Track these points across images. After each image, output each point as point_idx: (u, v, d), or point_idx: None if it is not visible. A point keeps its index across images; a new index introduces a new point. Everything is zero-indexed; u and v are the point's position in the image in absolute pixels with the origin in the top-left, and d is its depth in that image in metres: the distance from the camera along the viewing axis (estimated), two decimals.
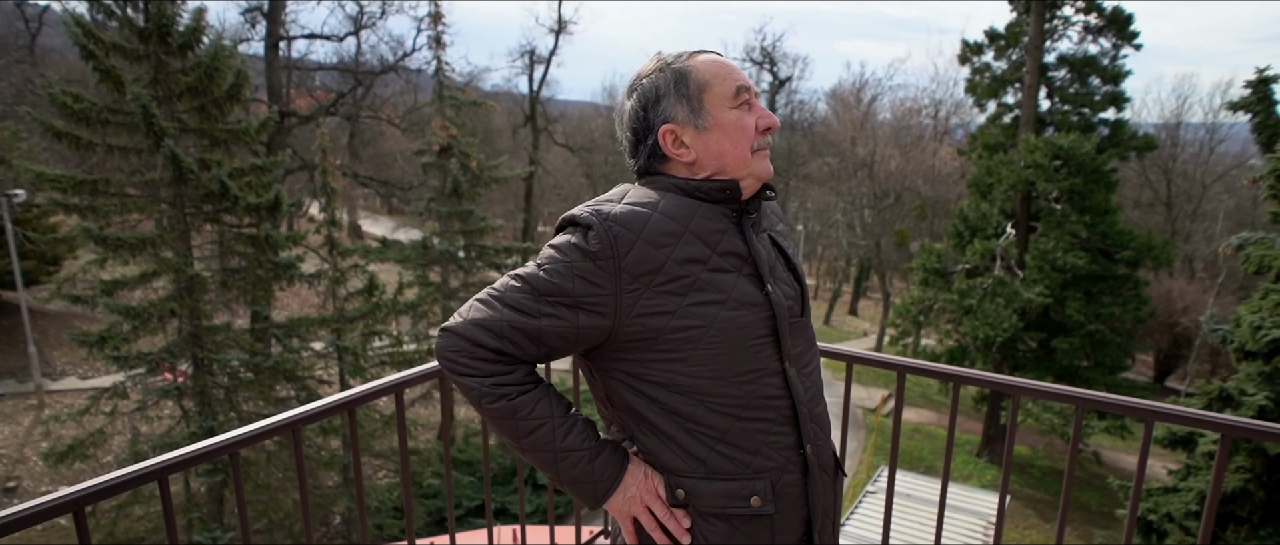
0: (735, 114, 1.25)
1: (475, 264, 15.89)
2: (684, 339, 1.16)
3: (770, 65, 36.30)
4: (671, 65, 1.27)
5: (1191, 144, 29.14)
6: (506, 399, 1.18)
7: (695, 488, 1.21)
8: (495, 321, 1.17)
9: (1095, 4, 18.77)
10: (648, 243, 1.15)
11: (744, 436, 1.20)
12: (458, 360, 1.18)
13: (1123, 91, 18.66)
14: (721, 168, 1.25)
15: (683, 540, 1.21)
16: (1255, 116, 7.23)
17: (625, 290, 1.15)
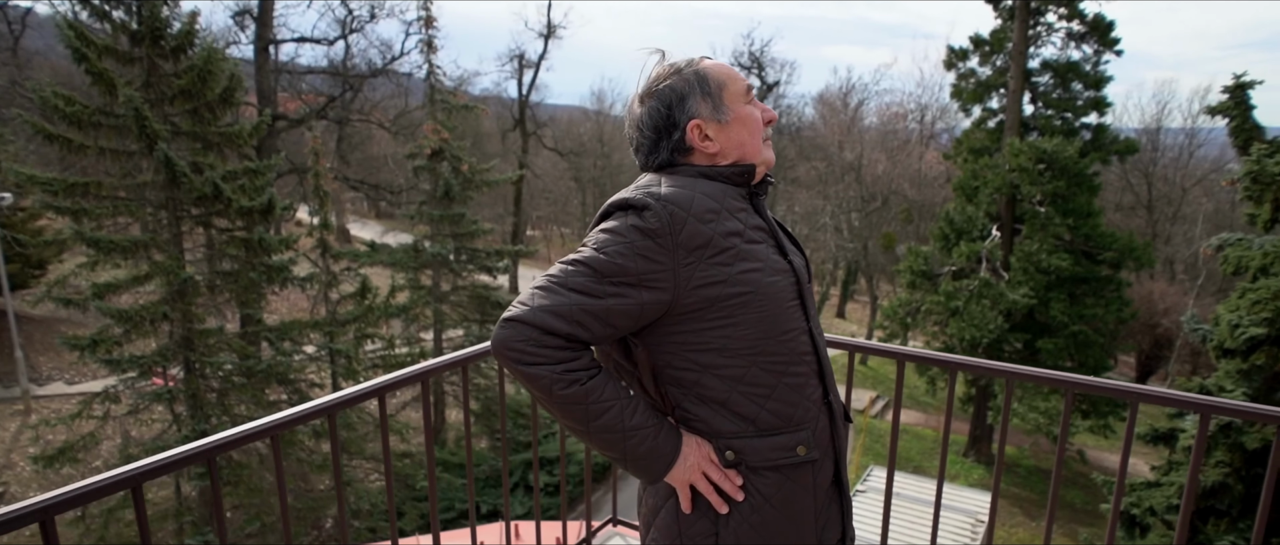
0: (748, 109, 1.39)
1: (466, 267, 15.94)
2: (736, 304, 1.26)
3: (758, 70, 36.52)
4: (690, 68, 1.38)
5: (1171, 148, 29.60)
6: (578, 384, 1.24)
7: (745, 446, 1.31)
8: (564, 306, 1.22)
9: (1077, 11, 19.09)
10: (697, 219, 1.26)
11: (787, 392, 1.31)
12: (526, 350, 1.22)
13: (1104, 96, 18.97)
14: (742, 156, 1.38)
15: (737, 497, 1.31)
16: (1232, 121, 7.44)
17: (682, 264, 1.24)
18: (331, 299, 12.79)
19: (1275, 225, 7.42)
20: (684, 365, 1.31)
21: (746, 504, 1.31)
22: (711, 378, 1.30)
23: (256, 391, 11.20)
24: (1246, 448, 7.48)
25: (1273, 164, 6.79)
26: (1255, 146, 7.15)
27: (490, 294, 16.27)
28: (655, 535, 1.38)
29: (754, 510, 1.31)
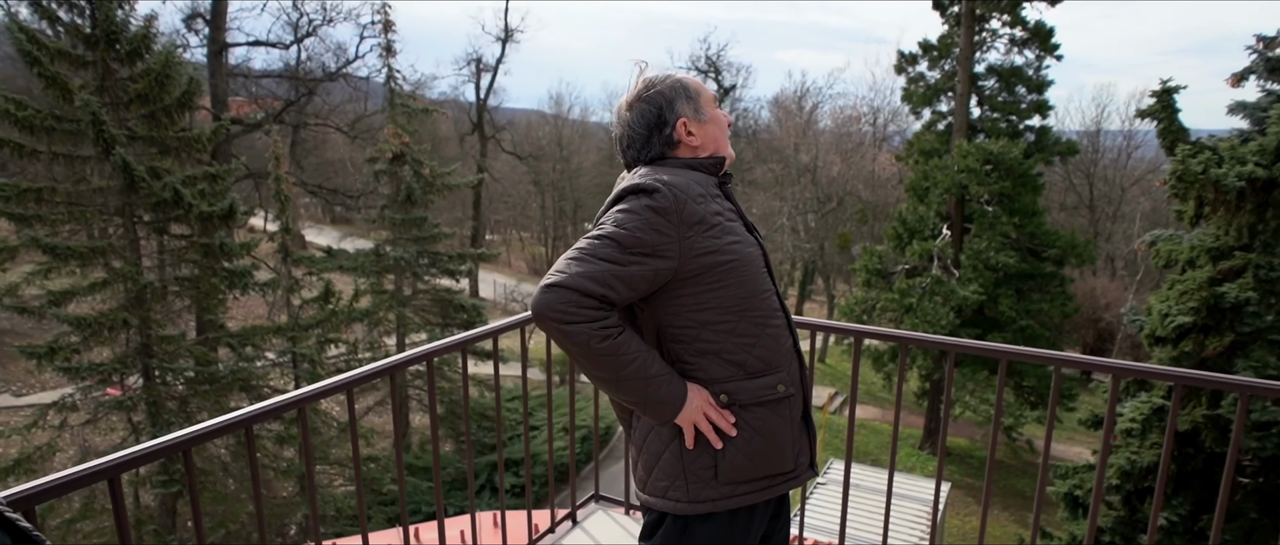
0: (718, 111, 1.70)
1: (429, 271, 15.93)
2: (726, 270, 1.52)
3: (715, 74, 37.00)
4: (673, 78, 1.67)
5: (1110, 150, 30.84)
6: (611, 339, 1.45)
7: (737, 388, 1.55)
8: (597, 273, 1.44)
9: (1020, 18, 19.86)
10: (693, 200, 1.51)
11: (768, 340, 1.57)
12: (567, 310, 1.42)
13: (1047, 100, 19.78)
14: (716, 149, 1.68)
15: (731, 434, 1.55)
16: (1160, 124, 7.94)
17: (684, 237, 1.49)
18: (294, 304, 12.70)
19: (1200, 221, 7.94)
20: (685, 323, 1.55)
21: (740, 437, 1.55)
22: (709, 332, 1.54)
23: (218, 398, 11.09)
24: (1178, 429, 7.97)
25: (1196, 164, 7.29)
26: (1180, 148, 7.66)
27: (453, 298, 16.28)
28: (658, 475, 1.60)
29: (746, 441, 1.55)
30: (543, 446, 15.60)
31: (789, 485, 1.62)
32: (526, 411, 2.84)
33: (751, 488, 1.57)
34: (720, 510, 1.56)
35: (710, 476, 1.55)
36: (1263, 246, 7.42)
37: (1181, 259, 8.36)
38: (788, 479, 1.61)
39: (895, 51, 22.82)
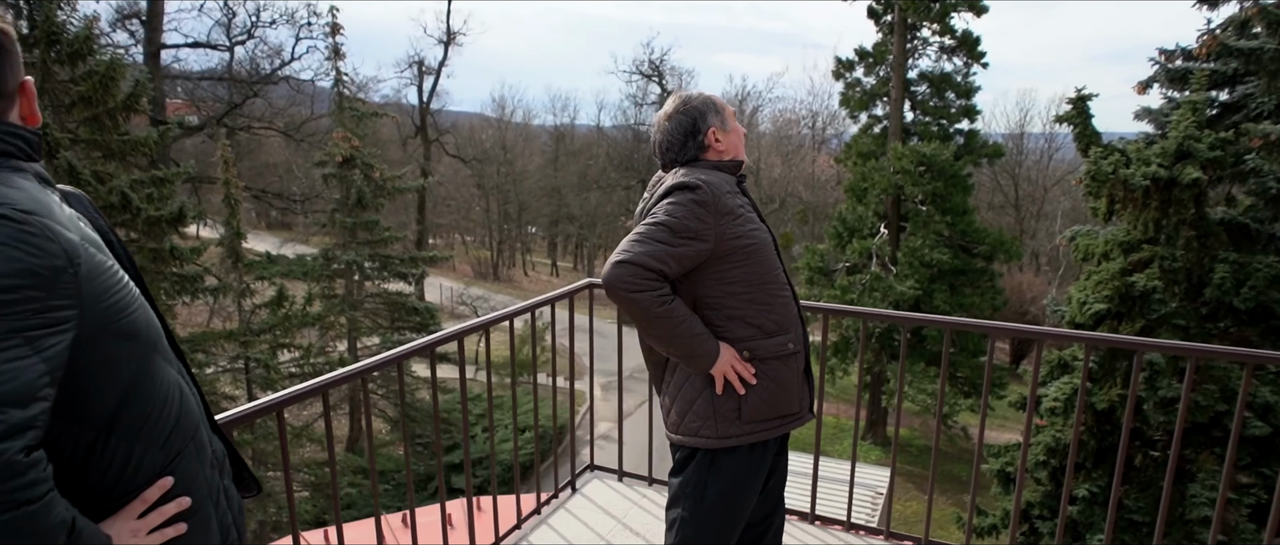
0: (737, 124, 2.06)
1: (382, 274, 15.91)
2: (749, 251, 1.88)
3: (659, 78, 37.57)
4: (705, 96, 2.04)
5: (1034, 152, 32.50)
6: (666, 305, 1.80)
7: (756, 345, 1.90)
8: (655, 252, 1.78)
9: (949, 27, 20.85)
10: (723, 194, 1.86)
11: (780, 307, 1.94)
12: (633, 282, 1.77)
13: (975, 105, 20.80)
14: (736, 154, 2.03)
15: (752, 382, 1.90)
16: (1076, 128, 8.66)
17: (718, 224, 1.84)
18: (245, 309, 12.59)
19: (1112, 217, 8.68)
20: (716, 293, 1.90)
21: (759, 385, 1.91)
22: (734, 300, 1.89)
23: None
24: (1097, 408, 8.70)
25: (1107, 165, 8.00)
26: (1093, 150, 8.38)
27: (405, 300, 16.29)
28: (691, 418, 1.94)
29: (764, 388, 1.91)
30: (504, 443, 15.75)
31: (794, 424, 1.99)
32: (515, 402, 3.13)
33: (766, 426, 1.93)
34: (742, 445, 1.92)
35: (735, 417, 1.90)
36: (1166, 239, 8.18)
37: (1097, 252, 9.12)
38: (794, 419, 1.99)
39: (832, 57, 23.67)
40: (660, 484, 3.40)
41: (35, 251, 0.93)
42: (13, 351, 0.89)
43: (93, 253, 1.02)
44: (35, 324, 0.91)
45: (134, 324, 1.06)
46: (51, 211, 1.00)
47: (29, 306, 0.91)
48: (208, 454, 1.22)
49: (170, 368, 1.16)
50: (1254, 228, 8.19)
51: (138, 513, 1.09)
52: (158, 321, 1.16)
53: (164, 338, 1.17)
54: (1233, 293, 7.95)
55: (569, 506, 3.16)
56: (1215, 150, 7.71)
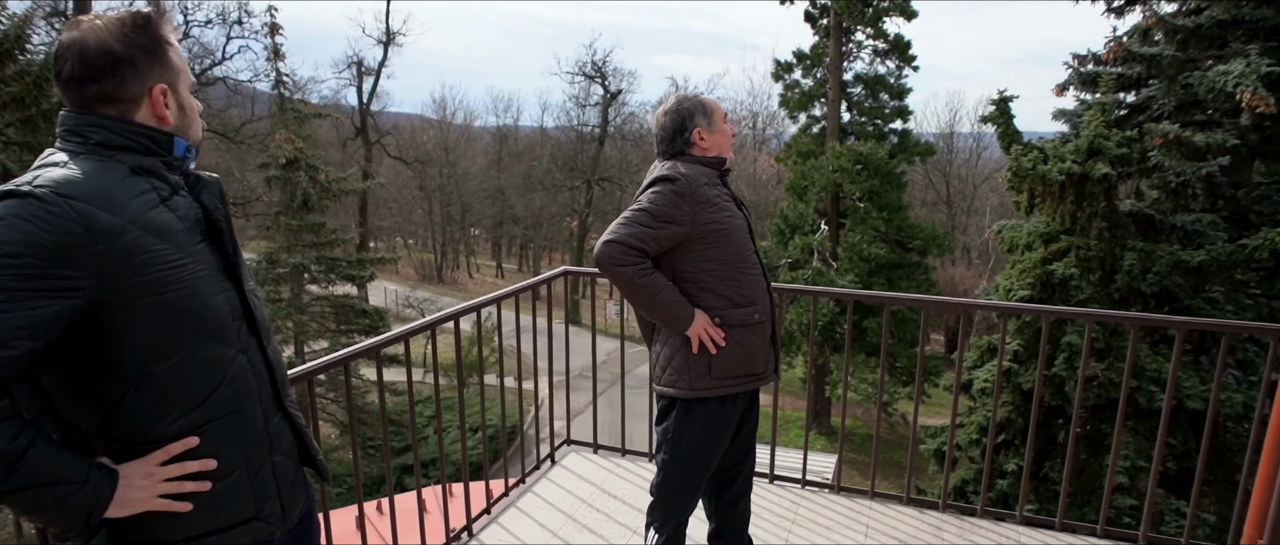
0: (726, 126, 2.31)
1: (329, 277, 15.76)
2: (723, 234, 2.17)
3: (602, 79, 37.78)
4: (696, 97, 2.29)
5: (963, 151, 33.90)
6: (648, 277, 2.12)
7: (727, 314, 2.19)
8: (638, 233, 2.11)
9: (882, 31, 21.70)
10: (700, 186, 2.15)
11: (750, 283, 2.23)
12: (619, 257, 2.10)
13: (907, 105, 21.69)
14: (719, 152, 2.29)
15: (722, 344, 2.19)
16: (999, 128, 9.28)
17: (695, 211, 2.12)
18: None
19: (1033, 210, 9.33)
20: (692, 269, 2.19)
21: (727, 347, 2.20)
22: (707, 276, 2.19)
23: None
24: (1023, 388, 9.34)
25: (1027, 162, 8.63)
26: (1015, 148, 9.00)
27: (353, 303, 16.17)
28: (671, 372, 2.24)
29: (732, 351, 2.21)
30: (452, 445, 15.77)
31: (759, 383, 2.29)
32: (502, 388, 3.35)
33: (734, 383, 2.23)
34: (712, 397, 2.22)
35: (706, 372, 2.20)
36: (1081, 230, 8.86)
37: (1021, 243, 9.78)
38: (758, 378, 2.29)
39: (771, 59, 24.35)
40: (633, 454, 3.69)
41: (46, 227, 1.10)
42: None
43: (138, 235, 1.18)
44: (24, 287, 1.08)
45: (167, 302, 1.20)
46: (100, 197, 1.16)
47: (23, 272, 1.08)
48: (256, 429, 1.35)
49: (221, 347, 1.30)
50: (1158, 219, 8.92)
51: (158, 461, 1.22)
52: (220, 307, 1.31)
53: (219, 322, 1.30)
54: (1140, 278, 8.65)
55: (551, 476, 3.42)
56: (1122, 148, 8.39)
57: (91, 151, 1.23)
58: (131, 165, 1.25)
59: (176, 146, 1.32)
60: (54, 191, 1.13)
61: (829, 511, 3.24)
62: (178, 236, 1.26)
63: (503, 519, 3.05)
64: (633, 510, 3.14)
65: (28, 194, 1.12)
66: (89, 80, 1.24)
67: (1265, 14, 8.22)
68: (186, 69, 1.38)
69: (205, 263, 1.30)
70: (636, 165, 37.18)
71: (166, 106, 1.30)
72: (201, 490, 1.26)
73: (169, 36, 1.33)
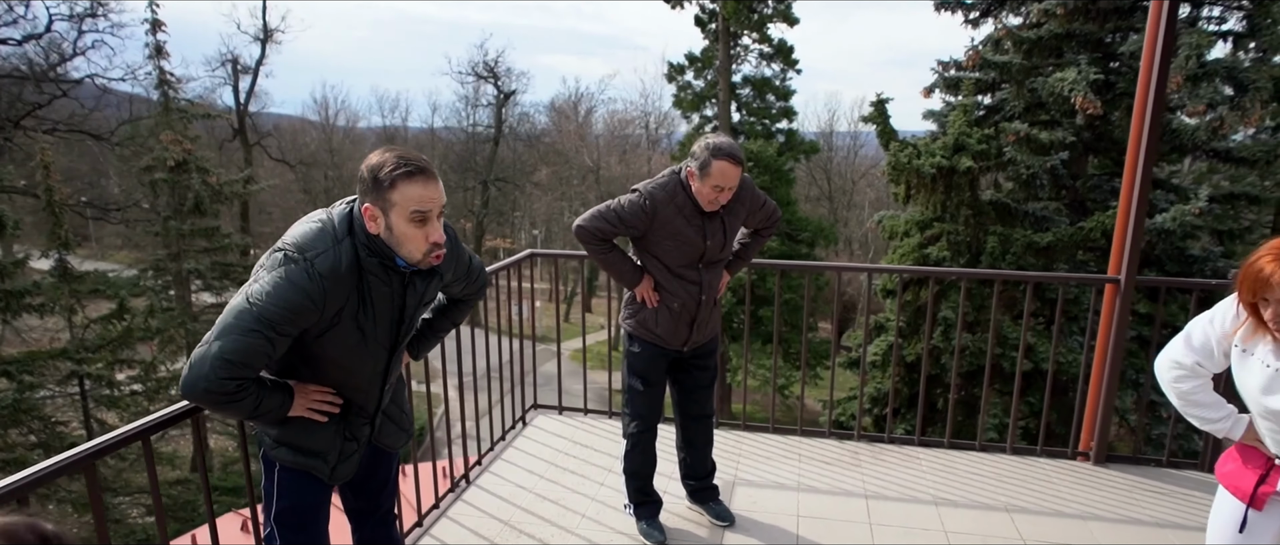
0: (709, 191, 2.61)
1: (223, 283, 15.24)
2: (667, 250, 2.68)
3: (494, 80, 37.66)
4: (707, 153, 2.59)
5: (841, 149, 36.03)
6: (604, 253, 2.70)
7: (660, 289, 2.75)
8: (601, 224, 2.64)
9: (766, 36, 22.97)
10: (663, 207, 2.62)
11: (677, 282, 2.73)
12: (584, 237, 2.67)
13: (791, 106, 23.06)
14: (700, 193, 2.63)
15: (654, 303, 2.76)
16: (878, 127, 10.33)
17: (649, 223, 2.62)
18: (76, 325, 11.76)
19: (910, 201, 10.43)
20: (645, 253, 2.74)
21: (654, 310, 2.77)
22: (653, 265, 2.73)
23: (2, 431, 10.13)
24: (907, 361, 10.43)
25: (903, 157, 9.69)
26: (893, 145, 10.07)
27: None
28: (625, 311, 2.84)
29: (654, 316, 2.78)
30: None
31: (670, 350, 2.84)
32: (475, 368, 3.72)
33: (651, 336, 2.81)
34: (640, 336, 2.83)
35: (634, 316, 2.83)
36: (950, 217, 10.01)
37: (899, 231, 10.89)
38: (669, 346, 2.83)
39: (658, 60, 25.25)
40: (594, 413, 4.18)
41: (306, 296, 1.61)
42: (257, 336, 1.59)
43: (337, 309, 1.70)
44: (278, 330, 1.61)
45: (323, 345, 1.75)
46: (333, 265, 1.66)
47: (283, 319, 1.61)
48: (352, 407, 1.94)
49: (338, 368, 1.85)
50: (1013, 206, 10.19)
51: (311, 391, 1.86)
52: (362, 345, 1.82)
53: (354, 356, 1.83)
54: (1001, 258, 9.87)
55: (525, 434, 3.86)
56: (982, 145, 9.57)
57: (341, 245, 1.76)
58: (355, 251, 1.74)
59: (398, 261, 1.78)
60: (319, 270, 1.65)
61: (768, 446, 3.85)
62: (354, 312, 1.76)
63: (494, 468, 3.48)
64: (600, 454, 3.64)
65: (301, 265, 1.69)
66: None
67: (1091, 28, 9.60)
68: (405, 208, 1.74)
69: (373, 333, 1.83)
70: (532, 165, 37.32)
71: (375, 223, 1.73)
72: (318, 419, 1.88)
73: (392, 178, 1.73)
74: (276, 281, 1.60)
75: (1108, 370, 3.54)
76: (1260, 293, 1.66)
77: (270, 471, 1.95)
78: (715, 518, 3.05)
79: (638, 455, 2.91)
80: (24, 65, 17.72)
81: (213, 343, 1.60)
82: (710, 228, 2.68)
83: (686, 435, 3.02)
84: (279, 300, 1.59)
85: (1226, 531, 1.94)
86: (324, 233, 1.68)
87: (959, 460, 3.76)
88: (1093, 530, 3.01)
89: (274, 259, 1.65)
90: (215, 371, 1.57)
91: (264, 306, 1.58)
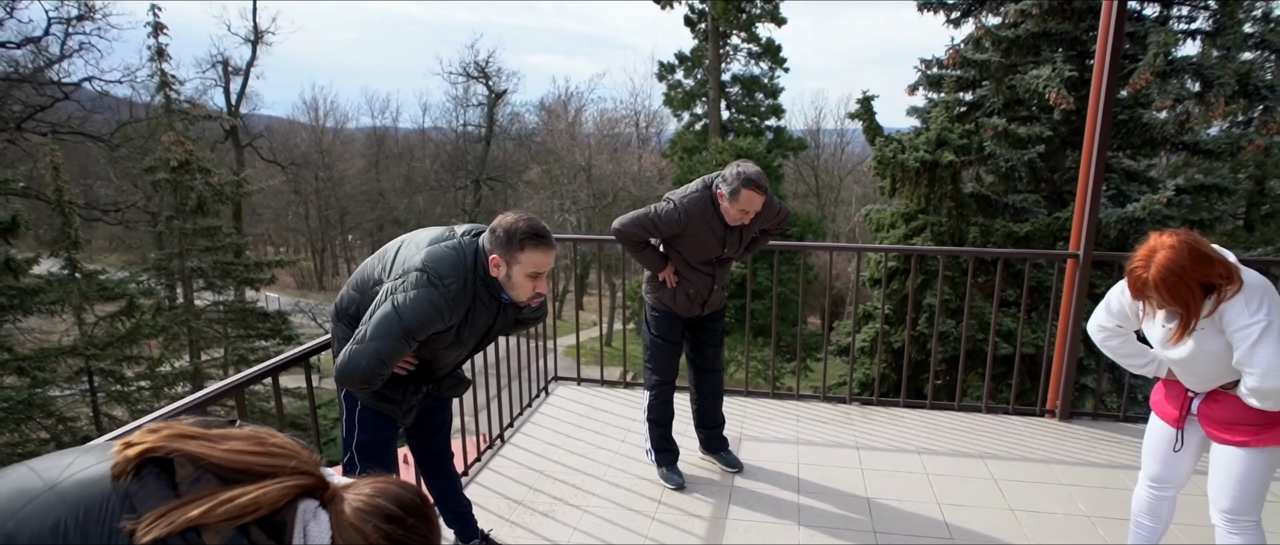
0: (736, 213, 3.05)
1: (226, 282, 15.49)
2: (685, 251, 3.11)
3: (485, 80, 37.94)
4: (738, 180, 2.99)
5: (828, 146, 36.55)
6: (637, 250, 3.13)
7: (678, 275, 3.18)
8: (634, 227, 3.06)
9: (755, 35, 23.43)
10: (691, 218, 3.02)
11: (692, 274, 3.17)
12: (622, 236, 3.10)
13: (780, 104, 23.54)
14: (726, 214, 3.05)
15: (673, 283, 3.19)
16: (864, 123, 10.78)
17: (676, 230, 3.03)
18: (86, 322, 12.03)
19: (895, 194, 10.88)
20: (671, 250, 3.15)
21: (671, 290, 3.19)
22: (676, 255, 3.15)
23: (16, 426, 10.40)
24: (893, 346, 10.87)
25: (888, 152, 10.13)
26: (878, 140, 10.51)
27: (252, 307, 15.97)
28: (647, 288, 3.26)
29: (671, 293, 3.20)
30: None
31: (683, 318, 3.29)
32: None
33: (664, 308, 3.25)
34: (657, 309, 3.26)
35: (653, 292, 3.25)
36: (934, 209, 10.46)
37: (886, 223, 11.34)
38: (681, 315, 3.28)
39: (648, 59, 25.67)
40: (608, 384, 4.58)
41: (439, 314, 2.04)
42: (401, 341, 2.03)
43: (451, 319, 2.10)
44: (415, 337, 2.03)
45: (428, 342, 2.16)
46: (461, 290, 2.07)
47: (420, 329, 2.03)
48: (429, 372, 2.38)
49: (432, 355, 2.30)
50: (993, 198, 10.66)
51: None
52: (455, 346, 2.27)
53: (446, 352, 2.30)
54: (982, 247, 10.34)
55: (549, 402, 4.26)
56: (963, 139, 10.03)
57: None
58: (476, 280, 2.18)
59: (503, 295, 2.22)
60: (451, 291, 2.08)
61: (768, 409, 4.26)
62: (460, 323, 2.20)
63: (524, 429, 3.87)
64: (618, 417, 4.04)
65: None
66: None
67: (1066, 27, 10.07)
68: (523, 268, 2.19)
69: (466, 343, 2.30)
70: (524, 164, 37.61)
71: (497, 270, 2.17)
72: (402, 372, 2.31)
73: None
74: (419, 299, 2.02)
75: (1070, 337, 3.97)
76: (1139, 296, 2.08)
77: (351, 409, 2.37)
78: (726, 465, 3.46)
79: (659, 406, 3.31)
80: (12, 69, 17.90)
81: (368, 343, 2.02)
82: (730, 237, 3.15)
83: (699, 388, 3.43)
84: (420, 315, 2.01)
85: (1160, 451, 2.37)
86: (458, 263, 2.10)
87: (940, 418, 4.19)
88: (1055, 472, 3.43)
89: (417, 278, 2.05)
90: (371, 367, 2.03)
91: (409, 320, 2.00)
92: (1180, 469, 2.34)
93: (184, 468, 0.95)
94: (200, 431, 1.00)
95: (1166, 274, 1.97)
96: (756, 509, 3.10)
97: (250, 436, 1.01)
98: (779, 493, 3.24)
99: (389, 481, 1.04)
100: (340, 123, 46.65)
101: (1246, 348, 1.92)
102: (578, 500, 3.16)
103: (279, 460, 0.99)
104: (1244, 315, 1.93)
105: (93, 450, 1.02)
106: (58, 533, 0.89)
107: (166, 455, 0.95)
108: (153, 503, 0.91)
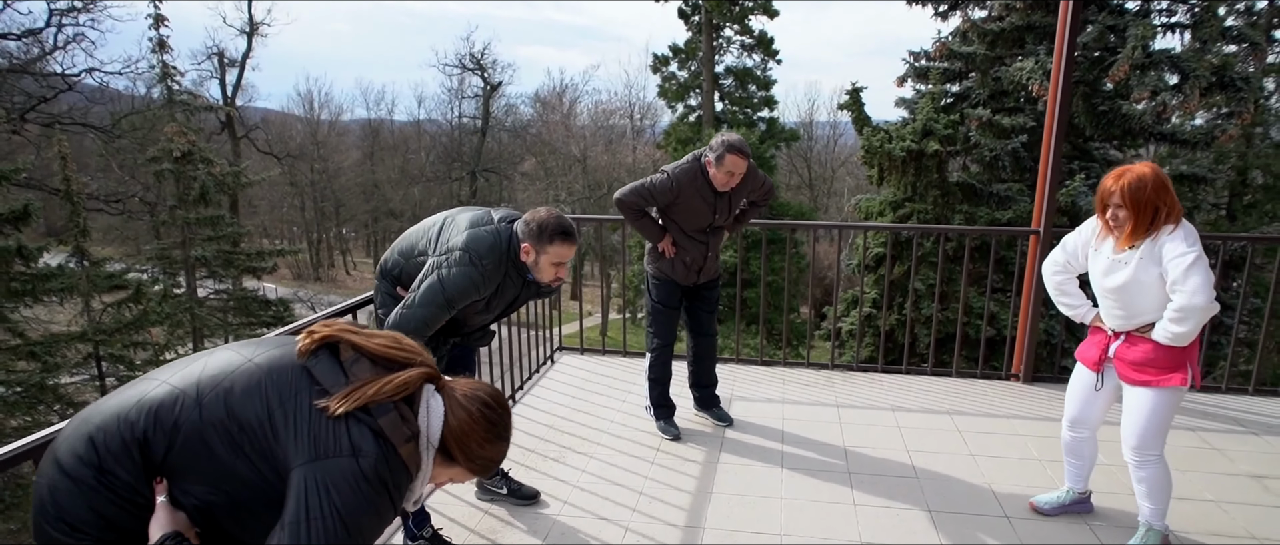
0: (722, 176, 3.39)
1: (230, 271, 15.78)
2: (680, 218, 3.45)
3: (480, 72, 38.13)
4: (723, 147, 3.35)
5: (821, 137, 36.88)
6: (635, 219, 3.45)
7: (675, 239, 3.50)
8: (634, 197, 3.38)
9: (748, 28, 23.72)
10: (684, 187, 3.36)
11: (687, 241, 3.50)
12: (622, 204, 3.39)
13: (773, 96, 23.85)
14: (714, 177, 3.39)
15: (668, 254, 3.52)
16: (853, 114, 11.12)
17: (670, 198, 3.36)
18: (94, 309, 12.31)
19: (883, 182, 11.23)
20: (668, 220, 3.47)
21: (669, 259, 3.52)
22: (672, 228, 3.47)
23: (29, 409, 10.68)
24: (881, 330, 11.24)
25: (876, 141, 10.48)
26: (867, 130, 10.85)
27: (255, 295, 16.26)
28: (648, 258, 3.59)
29: (670, 261, 3.53)
30: None
31: (680, 283, 3.61)
32: None
33: (663, 276, 3.58)
34: (656, 275, 3.59)
35: (654, 261, 3.58)
36: (920, 197, 10.82)
37: (875, 212, 11.69)
38: (678, 285, 3.61)
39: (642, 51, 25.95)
40: (610, 354, 4.92)
41: (476, 287, 2.38)
42: (444, 309, 2.38)
43: (485, 292, 2.45)
44: (454, 306, 2.39)
45: (465, 312, 2.53)
46: (495, 268, 2.41)
47: (460, 299, 2.38)
48: (455, 329, 2.70)
49: (463, 320, 2.63)
50: (978, 187, 11.02)
51: None
52: (483, 314, 2.63)
53: (474, 319, 2.66)
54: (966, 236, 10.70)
55: (556, 369, 4.60)
56: (949, 129, 10.38)
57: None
58: (509, 258, 2.52)
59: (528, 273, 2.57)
60: (486, 264, 2.43)
61: (757, 375, 4.61)
62: (493, 295, 2.55)
63: (533, 392, 4.22)
64: (619, 381, 4.39)
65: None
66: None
67: (1049, 21, 10.42)
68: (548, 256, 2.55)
69: (494, 310, 2.67)
70: (519, 156, 37.85)
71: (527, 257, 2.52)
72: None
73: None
74: (460, 275, 2.38)
75: (1032, 306, 4.33)
76: (1103, 200, 2.45)
77: None
78: (717, 419, 3.81)
79: (659, 365, 3.66)
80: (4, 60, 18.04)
81: (417, 309, 2.38)
82: (719, 203, 3.48)
83: (695, 350, 3.78)
84: (460, 288, 2.37)
85: (1080, 394, 2.75)
86: (495, 246, 2.44)
87: (914, 382, 4.55)
88: (1014, 425, 3.80)
89: (460, 256, 2.39)
90: (418, 329, 2.39)
91: (450, 291, 2.37)
92: (1093, 412, 2.73)
93: (347, 351, 1.30)
94: (359, 329, 1.37)
95: (1135, 182, 2.38)
96: (745, 456, 3.45)
97: (390, 337, 1.38)
98: (765, 443, 3.59)
99: (481, 383, 1.43)
100: (335, 115, 46.77)
101: (1181, 271, 2.32)
102: (584, 449, 3.51)
103: (410, 354, 1.35)
104: (1182, 245, 2.35)
105: (270, 341, 1.40)
106: (259, 390, 1.24)
107: (335, 341, 1.31)
108: (327, 374, 1.26)
